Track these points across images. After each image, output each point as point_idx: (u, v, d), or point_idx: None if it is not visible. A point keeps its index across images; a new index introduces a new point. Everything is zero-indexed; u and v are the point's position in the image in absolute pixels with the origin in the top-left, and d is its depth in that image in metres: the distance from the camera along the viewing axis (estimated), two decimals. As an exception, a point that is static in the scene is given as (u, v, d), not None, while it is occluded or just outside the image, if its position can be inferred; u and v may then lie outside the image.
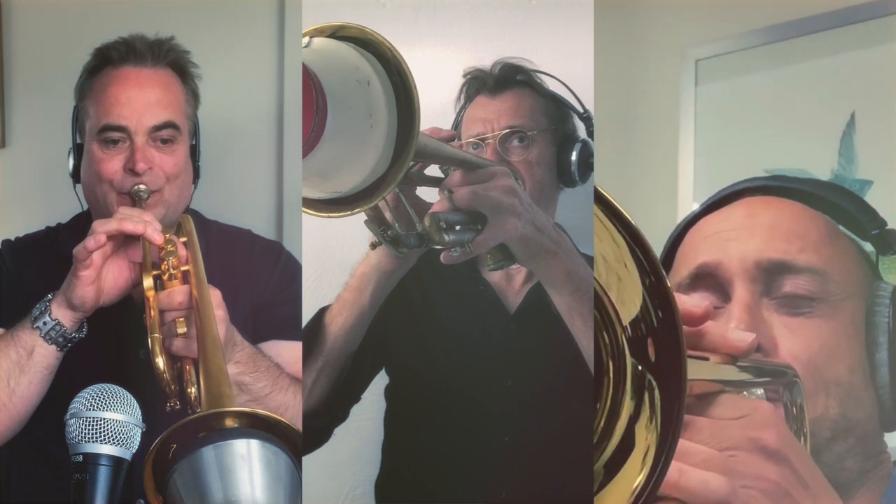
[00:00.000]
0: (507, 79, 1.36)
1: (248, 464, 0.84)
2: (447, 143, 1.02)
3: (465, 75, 1.40)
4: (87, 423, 0.92)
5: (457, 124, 1.39)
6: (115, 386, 0.96)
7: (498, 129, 1.32)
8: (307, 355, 1.14)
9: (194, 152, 1.43)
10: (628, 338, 0.65)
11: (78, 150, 1.41)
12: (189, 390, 1.11)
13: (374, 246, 0.97)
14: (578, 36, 1.50)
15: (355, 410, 1.36)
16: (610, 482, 0.65)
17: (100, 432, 0.92)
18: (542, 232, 0.99)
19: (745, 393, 0.75)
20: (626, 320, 0.64)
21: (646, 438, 0.64)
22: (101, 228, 1.19)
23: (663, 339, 0.62)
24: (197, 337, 1.11)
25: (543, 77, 1.39)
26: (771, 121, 1.72)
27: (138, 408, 0.96)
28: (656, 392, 0.64)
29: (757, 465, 0.68)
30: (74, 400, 0.95)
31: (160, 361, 1.10)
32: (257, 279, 1.42)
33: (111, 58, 1.38)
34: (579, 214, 1.41)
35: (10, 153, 1.84)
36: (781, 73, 1.71)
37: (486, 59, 1.40)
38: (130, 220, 1.19)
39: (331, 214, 0.78)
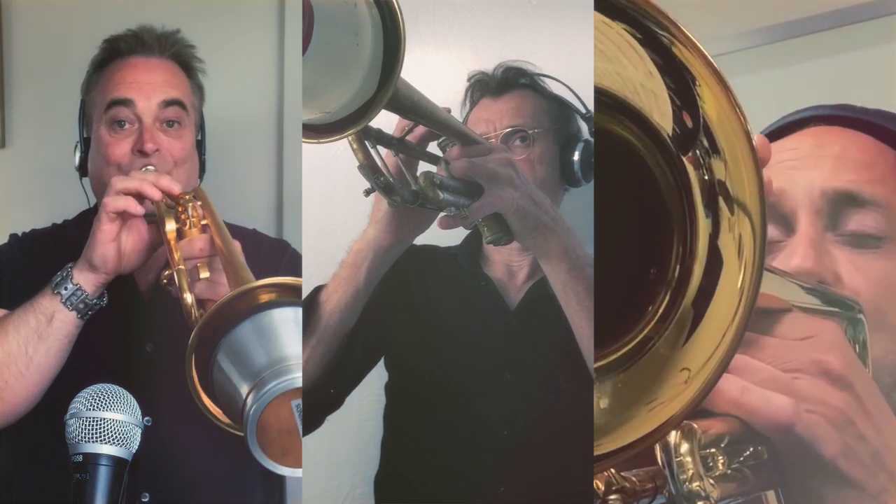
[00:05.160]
0: (510, 81, 1.37)
1: (288, 327, 0.81)
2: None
3: (469, 79, 1.40)
4: (87, 423, 0.92)
5: (463, 127, 1.40)
6: (115, 386, 0.96)
7: (500, 129, 1.32)
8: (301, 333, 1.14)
9: (200, 147, 1.44)
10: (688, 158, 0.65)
11: (84, 145, 1.41)
12: None
13: (367, 193, 0.97)
14: (578, 36, 1.50)
15: (356, 409, 1.36)
16: (709, 306, 0.64)
17: (100, 432, 0.92)
18: (539, 206, 0.99)
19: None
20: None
21: (734, 246, 0.63)
22: (121, 186, 1.19)
23: (718, 136, 0.63)
24: (223, 265, 1.08)
25: (545, 79, 1.39)
26: (771, 121, 1.72)
27: (138, 407, 0.96)
28: (728, 182, 0.63)
29: (821, 389, 0.66)
30: (74, 400, 0.95)
31: (188, 297, 1.05)
32: (264, 276, 1.42)
33: (119, 49, 1.39)
34: (580, 215, 1.41)
35: (11, 153, 1.84)
36: (781, 72, 1.71)
37: (486, 60, 1.40)
38: (147, 182, 1.19)
39: (320, 140, 0.78)
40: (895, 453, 0.68)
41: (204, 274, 1.10)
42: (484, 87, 1.38)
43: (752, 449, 0.68)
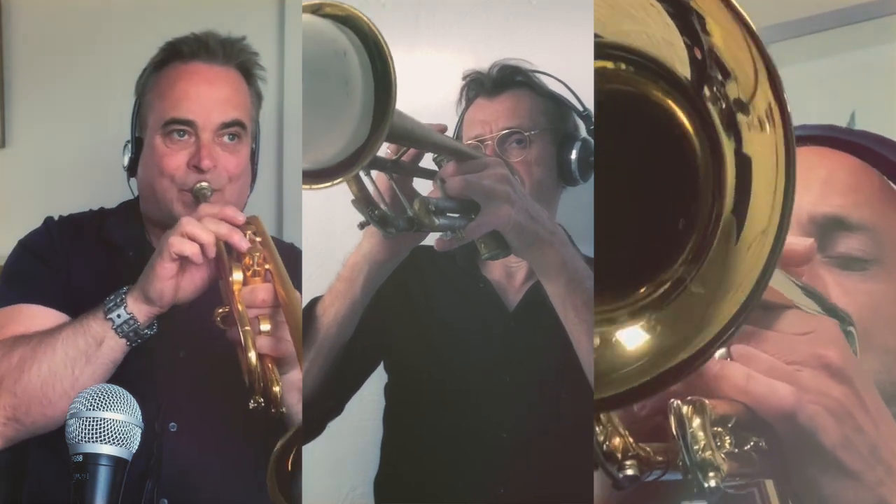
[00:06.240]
0: (506, 80, 1.36)
1: None
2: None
3: (464, 78, 1.40)
4: (87, 423, 0.92)
5: (458, 127, 1.39)
6: (115, 386, 0.97)
7: (496, 131, 1.32)
8: None
9: (253, 156, 1.42)
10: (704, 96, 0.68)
11: (135, 146, 1.39)
12: (274, 388, 1.08)
13: (362, 226, 0.97)
14: (578, 36, 1.49)
15: (356, 409, 1.36)
16: (748, 211, 0.66)
17: (100, 432, 0.92)
18: (537, 221, 0.99)
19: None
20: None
21: (759, 143, 0.66)
22: (189, 230, 1.17)
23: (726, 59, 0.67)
24: (291, 333, 1.07)
25: (542, 77, 1.39)
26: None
27: (138, 408, 0.96)
28: (741, 94, 0.66)
29: (821, 381, 0.68)
30: (74, 400, 0.95)
31: (253, 356, 1.06)
32: (300, 289, 1.42)
33: (182, 52, 1.36)
34: (580, 214, 1.41)
35: (11, 152, 1.84)
36: (781, 73, 1.70)
37: (486, 60, 1.39)
38: (212, 240, 1.18)
39: (313, 186, 0.79)
40: (891, 448, 0.69)
41: (265, 326, 1.10)
42: (479, 86, 1.37)
43: (753, 441, 0.69)
